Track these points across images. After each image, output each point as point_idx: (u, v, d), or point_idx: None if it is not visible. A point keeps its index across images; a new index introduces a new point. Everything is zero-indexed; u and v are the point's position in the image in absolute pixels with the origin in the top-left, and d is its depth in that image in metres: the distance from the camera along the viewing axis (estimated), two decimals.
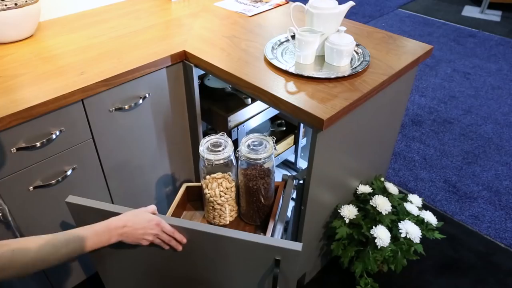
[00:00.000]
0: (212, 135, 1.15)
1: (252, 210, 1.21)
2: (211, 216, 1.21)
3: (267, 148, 1.12)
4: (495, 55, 3.32)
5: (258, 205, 1.19)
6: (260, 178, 1.14)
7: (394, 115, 1.50)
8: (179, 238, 0.89)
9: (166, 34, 1.48)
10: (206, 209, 1.22)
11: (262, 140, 1.14)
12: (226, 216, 1.22)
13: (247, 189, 1.17)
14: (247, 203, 1.20)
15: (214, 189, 1.15)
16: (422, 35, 3.66)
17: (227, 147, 1.12)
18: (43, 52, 1.34)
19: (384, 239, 1.32)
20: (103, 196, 1.41)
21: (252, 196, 1.17)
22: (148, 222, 0.87)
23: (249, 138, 1.15)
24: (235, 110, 1.52)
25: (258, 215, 1.22)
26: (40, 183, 1.20)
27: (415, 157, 2.25)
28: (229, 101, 1.57)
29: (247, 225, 1.24)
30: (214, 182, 1.16)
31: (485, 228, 1.84)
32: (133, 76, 1.27)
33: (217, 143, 1.13)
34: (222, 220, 1.22)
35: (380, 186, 1.51)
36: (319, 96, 1.12)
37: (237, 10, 1.70)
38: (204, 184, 1.17)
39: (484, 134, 2.43)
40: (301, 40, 1.24)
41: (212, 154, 1.09)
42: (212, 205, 1.18)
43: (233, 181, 1.18)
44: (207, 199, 1.18)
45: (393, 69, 1.25)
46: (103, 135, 1.29)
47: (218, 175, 1.16)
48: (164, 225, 0.88)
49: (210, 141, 1.14)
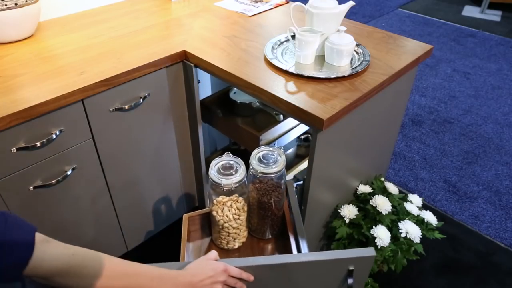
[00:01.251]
0: (222, 156, 1.05)
1: (266, 225, 1.14)
2: (225, 241, 1.12)
3: (279, 162, 1.04)
4: (495, 55, 3.32)
5: (273, 218, 1.13)
6: (272, 191, 1.08)
7: (394, 115, 1.50)
8: (246, 277, 0.85)
9: (166, 34, 1.48)
10: (217, 235, 1.12)
11: (273, 152, 1.07)
12: (241, 237, 1.13)
13: (259, 204, 1.10)
14: (260, 218, 1.13)
15: (226, 214, 1.06)
16: (422, 35, 3.66)
17: (239, 170, 1.02)
18: (43, 52, 1.34)
19: (384, 239, 1.32)
20: (103, 196, 1.41)
21: (266, 211, 1.10)
22: (214, 271, 0.82)
23: (260, 151, 1.07)
24: (266, 127, 1.42)
25: (272, 229, 1.15)
26: (40, 183, 1.19)
27: (415, 157, 2.25)
28: (257, 116, 1.49)
29: (260, 241, 1.17)
30: (224, 207, 1.06)
31: (485, 228, 1.84)
32: (133, 76, 1.27)
33: (229, 165, 1.03)
34: (237, 243, 1.13)
35: (380, 186, 1.51)
36: (319, 96, 1.12)
37: (237, 10, 1.70)
38: (214, 211, 1.07)
39: (484, 134, 2.43)
40: (301, 40, 1.24)
41: (224, 178, 1.00)
42: (227, 231, 1.08)
43: (242, 200, 1.08)
44: (219, 226, 1.08)
45: (393, 69, 1.25)
46: (103, 135, 1.29)
47: (225, 198, 1.06)
48: (231, 269, 0.84)
49: (220, 163, 1.04)
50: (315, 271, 0.87)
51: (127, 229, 1.57)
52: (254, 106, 1.52)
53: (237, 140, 1.57)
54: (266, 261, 0.85)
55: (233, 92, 1.59)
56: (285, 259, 0.84)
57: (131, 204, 1.53)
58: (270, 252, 1.15)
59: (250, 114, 1.53)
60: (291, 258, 0.84)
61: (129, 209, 1.53)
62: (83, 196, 1.35)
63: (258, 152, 1.07)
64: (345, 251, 0.85)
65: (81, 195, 1.34)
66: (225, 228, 1.08)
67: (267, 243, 1.17)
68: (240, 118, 1.51)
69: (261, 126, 1.46)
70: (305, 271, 0.87)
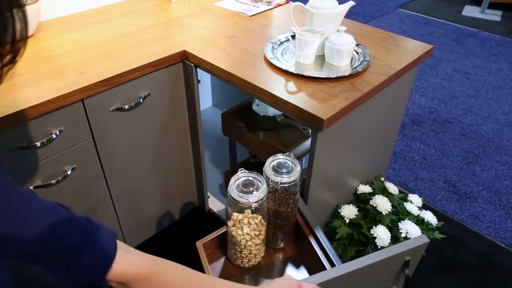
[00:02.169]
0: (239, 173, 1.01)
1: (283, 234, 1.12)
2: (246, 260, 1.07)
3: (296, 170, 1.01)
4: (495, 55, 3.32)
5: (290, 226, 1.10)
6: (287, 199, 1.05)
7: (394, 115, 1.50)
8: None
9: (166, 34, 1.48)
10: (237, 255, 1.06)
11: (288, 160, 1.04)
12: (261, 252, 1.09)
13: (276, 214, 1.07)
14: (276, 227, 1.10)
15: (246, 232, 1.00)
16: (422, 35, 3.66)
17: (260, 187, 0.98)
18: (43, 52, 1.34)
19: (384, 239, 1.32)
20: (103, 196, 1.41)
21: (283, 220, 1.08)
22: (289, 286, 0.80)
23: (274, 160, 1.04)
24: (293, 143, 1.36)
25: (287, 237, 1.13)
26: (40, 183, 1.19)
27: (415, 157, 2.25)
28: (281, 130, 1.44)
29: (275, 251, 1.14)
30: (244, 226, 1.00)
31: (485, 228, 1.84)
32: (133, 76, 1.27)
33: (248, 181, 0.99)
34: (257, 258, 1.08)
35: (380, 186, 1.51)
36: (319, 96, 1.12)
37: (237, 10, 1.70)
38: (233, 231, 1.02)
39: (484, 134, 2.43)
40: (301, 40, 1.24)
41: (245, 196, 0.95)
42: (249, 249, 1.03)
43: (258, 215, 1.02)
44: (241, 245, 1.02)
45: (393, 69, 1.25)
46: (103, 135, 1.29)
47: (239, 216, 1.01)
48: (305, 285, 0.81)
49: (240, 180, 0.99)
50: (379, 269, 0.88)
51: (127, 229, 1.58)
52: (279, 120, 1.46)
53: (261, 155, 1.52)
54: (340, 272, 0.84)
55: (256, 104, 1.54)
56: (357, 265, 0.83)
57: (131, 204, 1.53)
58: (294, 259, 1.13)
59: (274, 127, 1.47)
60: (361, 262, 0.83)
61: (129, 209, 1.53)
62: (83, 196, 1.35)
63: (272, 161, 1.04)
64: (403, 244, 0.87)
65: (81, 195, 1.34)
66: (248, 247, 1.03)
67: (280, 252, 1.15)
68: (263, 132, 1.45)
69: (287, 140, 1.40)
70: (371, 271, 0.87)
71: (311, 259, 1.08)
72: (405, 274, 0.89)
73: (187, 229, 1.78)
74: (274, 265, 1.12)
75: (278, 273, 1.10)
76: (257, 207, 0.96)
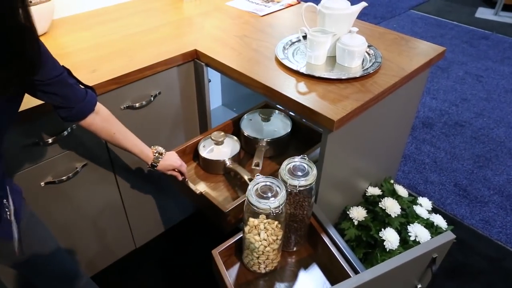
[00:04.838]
0: (259, 178, 0.99)
1: (297, 237, 1.11)
2: (263, 266, 1.06)
3: (312, 172, 1.00)
4: (509, 58, 3.27)
5: (305, 229, 1.10)
6: (303, 201, 1.04)
7: (405, 117, 1.49)
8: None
9: (178, 33, 1.48)
10: (255, 261, 1.05)
11: (304, 163, 1.02)
12: (278, 257, 1.08)
13: (292, 217, 1.06)
14: (291, 230, 1.09)
15: (263, 237, 0.99)
16: (434, 36, 3.62)
17: (280, 192, 0.96)
18: (56, 49, 1.35)
19: (393, 242, 1.31)
20: (112, 193, 1.42)
21: (299, 223, 1.07)
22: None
23: (290, 162, 1.03)
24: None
25: (301, 239, 1.12)
26: (51, 179, 1.21)
27: (425, 160, 2.23)
28: None
29: (288, 254, 1.14)
30: (261, 231, 0.99)
31: (496, 233, 1.81)
32: (144, 75, 1.27)
33: (267, 187, 0.97)
34: (274, 263, 1.07)
35: (390, 188, 1.50)
36: (330, 96, 1.12)
37: (249, 10, 1.70)
38: (251, 237, 1.00)
39: (496, 137, 2.40)
40: (313, 41, 1.23)
41: (263, 202, 0.93)
42: (267, 255, 1.02)
43: (274, 220, 1.00)
44: (259, 251, 1.01)
45: (405, 71, 1.24)
46: None
47: (255, 222, 0.99)
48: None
49: (259, 185, 0.98)
50: (408, 268, 0.87)
51: (135, 226, 1.58)
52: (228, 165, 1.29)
53: None
54: (373, 274, 0.84)
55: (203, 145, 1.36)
56: (390, 265, 0.83)
57: (141, 202, 1.54)
58: (308, 262, 1.12)
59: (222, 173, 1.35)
60: (394, 262, 0.83)
61: (138, 207, 1.54)
62: (93, 193, 1.36)
63: (288, 163, 1.03)
64: (430, 241, 0.87)
65: (91, 191, 1.35)
66: (266, 252, 1.01)
67: (293, 255, 1.14)
68: None
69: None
70: (401, 271, 0.87)
71: (327, 261, 1.08)
72: (432, 271, 0.89)
73: (197, 227, 1.79)
74: (288, 268, 1.11)
75: (293, 276, 1.09)
76: (278, 212, 0.95)
